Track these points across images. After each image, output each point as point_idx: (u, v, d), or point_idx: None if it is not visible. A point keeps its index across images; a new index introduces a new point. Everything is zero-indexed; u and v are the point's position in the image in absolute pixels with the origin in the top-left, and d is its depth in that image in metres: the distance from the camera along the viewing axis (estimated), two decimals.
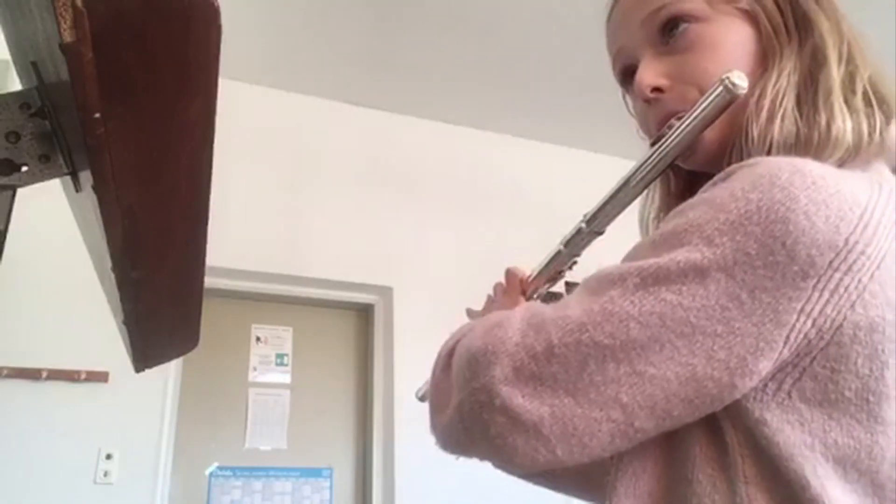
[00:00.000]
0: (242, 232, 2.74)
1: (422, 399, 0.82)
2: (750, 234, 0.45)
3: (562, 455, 0.47)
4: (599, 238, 0.67)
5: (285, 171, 3.03)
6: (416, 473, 2.70)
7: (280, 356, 2.92)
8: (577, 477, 0.70)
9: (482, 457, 0.52)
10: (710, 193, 0.49)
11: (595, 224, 0.65)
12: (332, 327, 3.08)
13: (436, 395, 0.56)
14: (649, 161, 0.59)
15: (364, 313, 3.13)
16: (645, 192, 0.66)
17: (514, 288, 0.75)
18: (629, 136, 0.80)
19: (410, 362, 2.85)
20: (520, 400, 0.47)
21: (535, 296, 0.75)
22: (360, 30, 2.80)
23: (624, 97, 0.72)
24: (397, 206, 3.15)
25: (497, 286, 0.80)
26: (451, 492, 2.60)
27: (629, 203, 0.63)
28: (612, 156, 3.46)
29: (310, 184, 3.05)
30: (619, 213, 0.63)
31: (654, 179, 0.61)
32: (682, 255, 0.46)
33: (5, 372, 2.33)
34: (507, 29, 2.79)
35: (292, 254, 2.90)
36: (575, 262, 0.71)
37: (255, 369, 2.86)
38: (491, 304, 0.79)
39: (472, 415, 0.49)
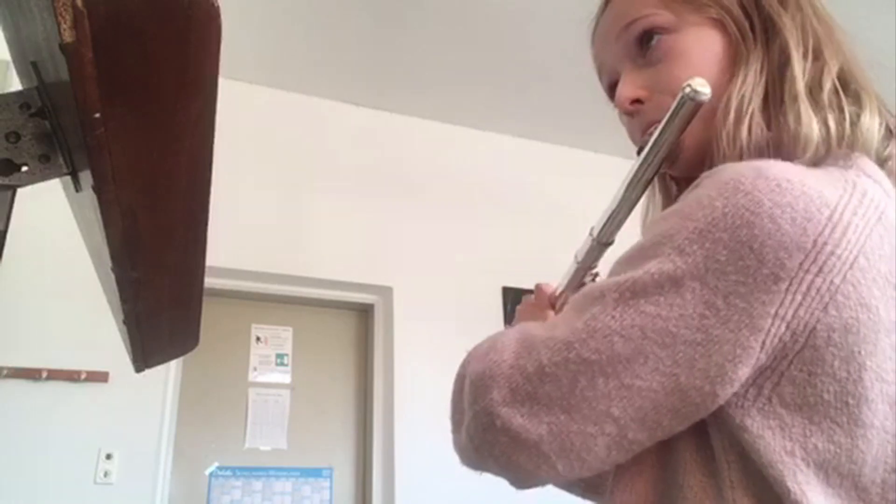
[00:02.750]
0: (243, 232, 2.74)
1: None
2: (718, 240, 0.45)
3: (563, 470, 0.48)
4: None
5: (285, 171, 3.03)
6: (416, 473, 2.70)
7: (280, 356, 2.92)
8: (589, 484, 0.71)
9: (495, 473, 0.53)
10: (680, 204, 0.50)
11: (602, 236, 0.67)
12: (332, 327, 3.08)
13: (453, 413, 0.58)
14: (637, 170, 0.61)
15: (364, 313, 3.13)
16: (647, 199, 0.68)
17: (543, 302, 0.78)
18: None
19: (410, 362, 2.85)
20: (519, 420, 0.48)
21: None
22: (360, 30, 2.80)
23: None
24: (397, 206, 3.15)
25: (525, 300, 0.82)
26: (451, 492, 2.60)
27: (629, 212, 0.64)
28: (612, 156, 3.46)
29: (310, 184, 3.05)
30: (622, 222, 0.65)
31: (646, 186, 0.62)
32: (655, 267, 0.47)
33: (5, 372, 2.33)
34: (508, 29, 2.79)
35: (292, 254, 2.90)
36: (596, 274, 0.72)
37: (255, 369, 2.86)
38: (520, 319, 0.81)
39: (478, 436, 0.51)
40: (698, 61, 0.60)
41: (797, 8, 0.60)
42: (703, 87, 0.53)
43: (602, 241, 0.67)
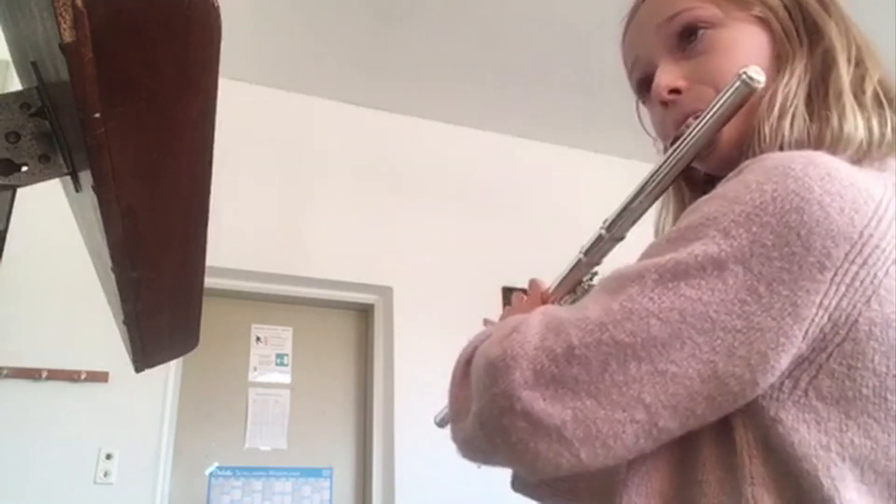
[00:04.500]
0: (243, 232, 2.74)
1: (440, 424, 0.81)
2: (766, 224, 0.45)
3: (586, 458, 0.46)
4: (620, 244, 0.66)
5: (285, 171, 3.03)
6: (416, 473, 2.70)
7: (280, 356, 2.92)
8: (588, 489, 0.69)
9: (504, 464, 0.51)
10: (724, 188, 0.49)
11: (615, 230, 0.64)
12: (332, 327, 3.08)
13: (455, 404, 0.55)
14: (668, 162, 0.59)
15: (364, 313, 3.13)
16: (660, 202, 0.66)
17: (536, 299, 0.75)
18: (629, 137, 0.80)
19: (410, 362, 2.85)
20: (541, 404, 0.46)
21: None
22: (360, 30, 2.80)
23: (637, 109, 0.72)
24: (397, 206, 3.15)
25: (516, 296, 0.79)
26: (450, 492, 2.60)
27: (649, 206, 0.62)
28: (612, 156, 3.46)
29: (310, 184, 3.05)
30: (638, 217, 0.63)
31: (673, 181, 0.60)
32: (699, 249, 0.46)
33: (5, 372, 2.33)
34: (508, 29, 2.79)
35: (292, 254, 2.90)
36: (595, 273, 0.70)
37: (255, 369, 2.86)
38: (511, 314, 0.77)
39: (492, 421, 0.48)
40: (743, 56, 0.59)
41: (840, 16, 0.61)
42: (758, 75, 0.52)
43: (615, 236, 0.65)
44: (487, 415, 0.49)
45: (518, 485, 0.70)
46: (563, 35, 2.75)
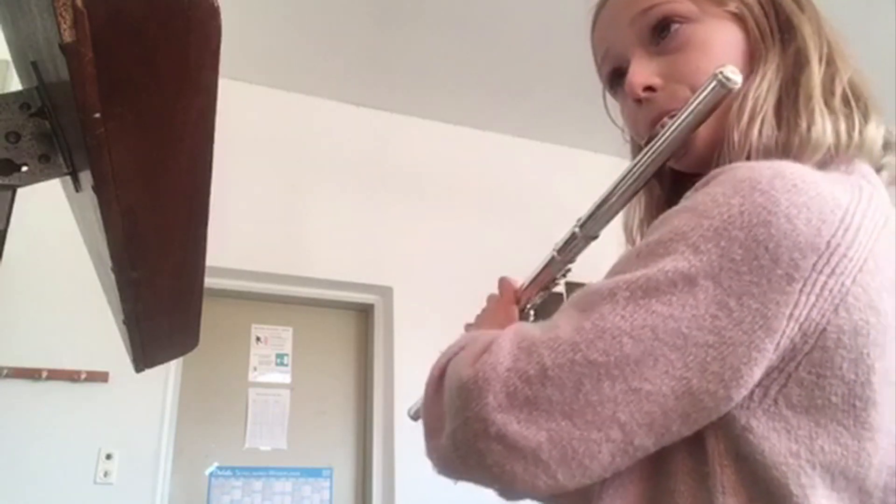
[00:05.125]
0: (243, 232, 2.74)
1: (414, 417, 0.81)
2: (734, 238, 0.45)
3: (563, 479, 0.46)
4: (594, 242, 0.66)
5: (285, 171, 3.03)
6: (416, 473, 2.69)
7: (280, 356, 2.92)
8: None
9: (480, 483, 0.51)
10: (692, 200, 0.49)
11: (588, 228, 0.64)
12: (332, 327, 3.08)
13: (428, 418, 0.55)
14: (642, 161, 0.58)
15: (364, 313, 3.13)
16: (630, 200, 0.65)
17: (508, 298, 0.74)
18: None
19: (410, 362, 2.85)
20: (515, 426, 0.45)
21: (528, 305, 0.73)
22: (360, 30, 2.80)
23: (605, 101, 0.71)
24: (397, 206, 3.14)
25: (490, 297, 0.78)
26: (450, 492, 2.60)
27: (623, 206, 0.61)
28: (612, 156, 3.45)
29: (310, 184, 3.05)
30: (612, 216, 0.62)
31: (647, 180, 0.60)
32: (669, 265, 0.46)
33: (5, 372, 2.33)
34: (508, 29, 2.79)
35: (293, 254, 2.90)
36: (569, 270, 0.69)
37: (255, 369, 2.86)
38: (485, 315, 0.78)
39: (466, 444, 0.48)
40: (719, 53, 0.58)
41: (813, 12, 0.60)
42: (734, 75, 0.52)
43: (588, 234, 0.64)
44: (461, 437, 0.48)
45: None
46: (563, 35, 2.74)
